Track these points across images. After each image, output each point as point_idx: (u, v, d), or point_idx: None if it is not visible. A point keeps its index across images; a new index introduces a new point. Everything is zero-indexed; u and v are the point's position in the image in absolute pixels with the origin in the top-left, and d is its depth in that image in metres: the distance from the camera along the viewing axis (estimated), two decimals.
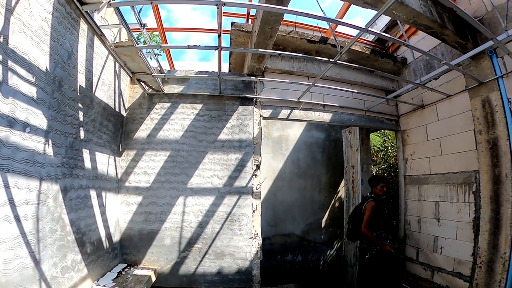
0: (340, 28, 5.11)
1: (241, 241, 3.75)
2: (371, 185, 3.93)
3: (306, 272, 6.08)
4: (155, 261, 3.54)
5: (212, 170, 3.84)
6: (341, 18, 4.11)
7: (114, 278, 2.95)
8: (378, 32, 2.98)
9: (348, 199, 5.60)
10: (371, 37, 5.09)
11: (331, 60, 2.98)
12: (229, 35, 3.82)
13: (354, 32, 2.71)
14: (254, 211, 3.86)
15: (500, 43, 2.74)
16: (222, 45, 2.72)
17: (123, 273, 3.15)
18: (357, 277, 4.93)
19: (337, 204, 6.51)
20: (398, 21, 3.46)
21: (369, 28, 2.59)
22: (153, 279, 3.32)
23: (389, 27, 4.80)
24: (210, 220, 3.72)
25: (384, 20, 4.89)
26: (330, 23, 3.06)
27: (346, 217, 5.63)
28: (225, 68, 4.49)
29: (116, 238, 3.41)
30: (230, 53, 4.13)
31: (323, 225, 6.37)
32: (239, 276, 3.66)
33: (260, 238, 3.85)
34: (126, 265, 3.40)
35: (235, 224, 3.78)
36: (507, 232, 3.19)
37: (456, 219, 3.93)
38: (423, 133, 4.58)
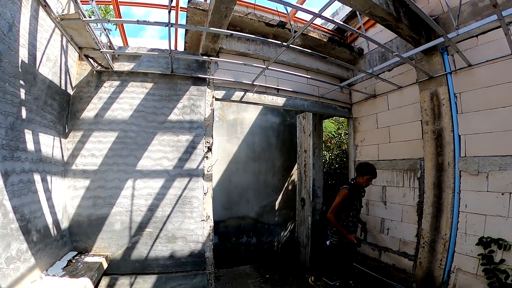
0: (302, 15, 5.34)
1: (192, 224, 3.91)
2: (359, 173, 3.86)
3: (260, 253, 6.52)
4: (106, 247, 3.60)
5: (161, 152, 3.92)
6: (302, 4, 4.34)
7: (64, 267, 2.97)
8: (331, 18, 3.17)
9: (300, 182, 6.07)
10: (331, 26, 5.41)
11: (284, 43, 3.17)
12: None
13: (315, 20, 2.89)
14: (205, 193, 4.02)
15: (450, 40, 3.07)
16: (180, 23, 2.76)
17: (73, 261, 3.18)
18: (309, 257, 5.46)
19: (290, 187, 6.98)
20: (357, 12, 3.75)
21: (330, 17, 2.81)
22: (105, 265, 3.39)
23: (349, 18, 5.16)
24: (160, 203, 3.83)
25: (346, 10, 5.26)
26: (287, 7, 3.23)
27: (298, 199, 6.11)
28: (182, 47, 4.51)
29: (64, 224, 3.40)
30: (186, 31, 4.16)
31: (276, 207, 6.82)
32: (192, 259, 3.86)
33: (212, 221, 4.05)
34: (76, 252, 3.42)
35: (186, 207, 3.92)
36: (447, 216, 3.71)
37: (401, 203, 4.48)
38: (373, 121, 5.09)
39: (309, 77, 4.62)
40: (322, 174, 5.92)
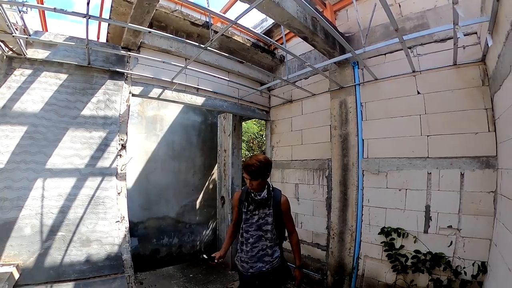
0: (230, 17, 5.58)
1: (107, 226, 3.84)
2: None
3: (183, 253, 6.62)
4: (16, 255, 3.30)
5: (73, 149, 3.75)
6: (228, 8, 4.63)
7: None
8: (246, 27, 3.22)
9: (220, 181, 6.39)
10: (259, 31, 5.81)
11: (202, 45, 3.35)
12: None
13: (243, 24, 3.04)
14: (119, 193, 3.98)
15: (357, 56, 3.48)
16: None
17: None
18: (232, 254, 5.67)
19: (211, 186, 7.24)
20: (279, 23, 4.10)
21: (258, 23, 2.99)
22: (16, 275, 3.13)
23: (276, 26, 5.55)
24: (72, 204, 3.66)
25: None
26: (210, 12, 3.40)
27: (218, 198, 6.41)
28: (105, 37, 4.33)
29: None
30: None
31: (198, 206, 6.99)
32: (109, 263, 3.78)
33: (127, 222, 4.01)
34: None
35: (100, 207, 3.83)
36: (353, 209, 4.33)
37: (312, 199, 5.07)
38: (288, 124, 5.67)
39: (229, 79, 4.91)
40: (241, 173, 6.30)
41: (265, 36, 3.34)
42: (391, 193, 3.96)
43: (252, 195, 2.74)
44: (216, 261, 2.75)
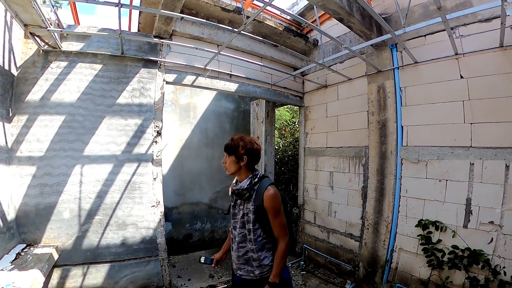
0: (261, 3, 5.44)
1: (142, 210, 4.00)
2: None
3: (215, 238, 6.76)
4: (55, 237, 3.56)
5: (110, 136, 3.91)
6: None
7: (13, 260, 2.91)
8: (281, 8, 3.17)
9: None
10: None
11: (235, 30, 3.30)
12: None
13: (273, 9, 2.94)
14: (154, 179, 4.10)
15: (397, 37, 3.31)
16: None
17: (22, 254, 3.12)
18: None
19: None
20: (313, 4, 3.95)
21: (289, 7, 2.91)
22: (56, 256, 3.37)
23: (308, 9, 5.34)
24: (109, 189, 3.85)
25: (306, 1, 5.43)
26: None
27: None
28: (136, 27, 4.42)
29: (11, 216, 3.27)
30: (140, 11, 4.09)
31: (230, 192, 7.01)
32: (144, 246, 3.97)
33: (162, 206, 4.15)
34: (25, 245, 3.34)
35: (136, 192, 3.98)
36: (389, 200, 4.15)
37: (347, 187, 4.91)
38: (323, 110, 5.48)
39: (262, 64, 4.82)
40: (273, 160, 6.28)
41: (300, 17, 3.20)
42: (431, 183, 3.74)
43: (234, 184, 2.31)
44: (213, 265, 2.47)
